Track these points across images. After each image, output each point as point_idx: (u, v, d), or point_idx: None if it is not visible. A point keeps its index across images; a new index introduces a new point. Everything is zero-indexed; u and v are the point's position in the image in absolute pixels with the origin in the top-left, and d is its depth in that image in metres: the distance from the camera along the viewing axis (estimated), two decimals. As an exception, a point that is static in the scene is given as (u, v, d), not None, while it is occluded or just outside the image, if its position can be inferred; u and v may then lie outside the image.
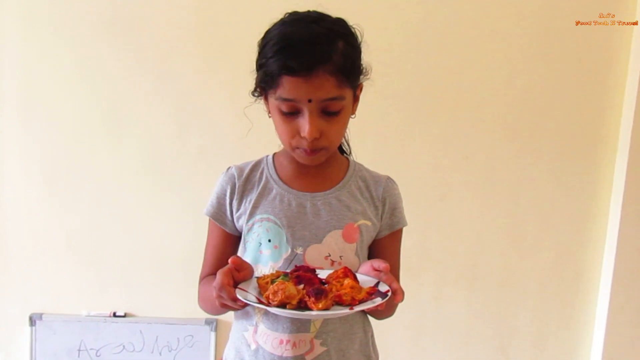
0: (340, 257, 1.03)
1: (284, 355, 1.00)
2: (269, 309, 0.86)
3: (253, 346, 1.03)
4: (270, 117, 1.02)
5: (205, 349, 2.00)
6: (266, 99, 1.00)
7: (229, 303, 0.89)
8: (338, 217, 1.03)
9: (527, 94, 1.93)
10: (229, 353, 1.10)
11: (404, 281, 1.15)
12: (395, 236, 1.12)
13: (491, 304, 2.03)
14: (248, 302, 0.86)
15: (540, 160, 1.96)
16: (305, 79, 0.90)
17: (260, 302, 0.87)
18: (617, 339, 1.97)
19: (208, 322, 1.99)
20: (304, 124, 0.94)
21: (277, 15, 0.99)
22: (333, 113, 0.95)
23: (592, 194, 1.97)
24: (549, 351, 2.06)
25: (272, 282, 0.90)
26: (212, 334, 2.00)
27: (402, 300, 0.91)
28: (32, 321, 1.98)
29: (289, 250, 1.01)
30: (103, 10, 1.88)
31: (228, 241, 1.10)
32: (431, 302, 2.02)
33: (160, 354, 2.00)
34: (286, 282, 0.88)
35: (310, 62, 0.89)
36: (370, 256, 1.12)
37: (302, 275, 0.92)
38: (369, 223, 1.06)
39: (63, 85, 1.92)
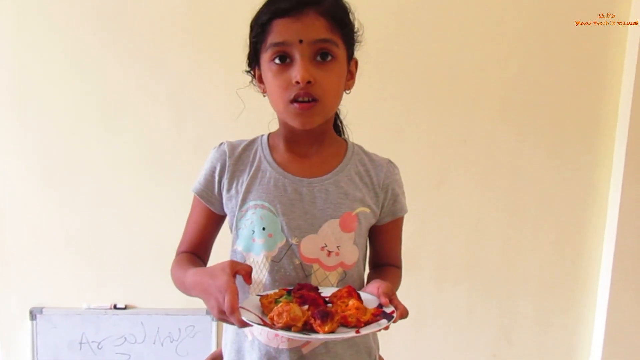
0: (337, 247, 0.99)
1: (280, 347, 0.98)
2: (274, 331, 0.83)
3: (249, 337, 1.02)
4: (264, 94, 1.00)
5: (206, 338, 2.01)
6: (258, 75, 0.99)
7: (235, 324, 0.84)
8: (335, 206, 0.99)
9: (528, 86, 1.92)
10: (226, 344, 1.08)
11: (404, 267, 1.15)
12: (396, 223, 1.09)
13: (492, 289, 2.04)
14: (253, 324, 0.83)
15: (540, 143, 1.95)
16: (296, 18, 0.90)
17: (265, 324, 0.84)
18: (618, 322, 1.97)
19: (209, 312, 1.99)
20: (296, 68, 0.91)
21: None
22: (325, 59, 0.93)
23: (591, 176, 1.97)
24: (551, 334, 2.06)
25: (276, 302, 0.87)
26: (214, 324, 2.00)
27: (403, 318, 0.89)
28: (32, 315, 1.98)
29: (285, 239, 0.98)
30: (95, 2, 1.86)
31: (211, 220, 1.07)
32: (432, 288, 2.02)
33: (162, 344, 2.00)
34: (291, 304, 0.85)
35: (300, 2, 0.91)
36: (373, 242, 1.10)
37: (306, 295, 0.89)
38: (367, 210, 1.02)
39: (57, 80, 1.90)
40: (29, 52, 1.89)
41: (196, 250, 1.09)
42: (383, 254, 1.11)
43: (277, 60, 0.93)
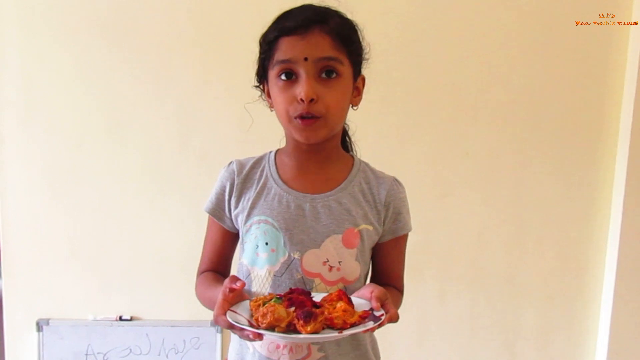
0: (339, 262, 1.00)
1: None
2: (257, 331, 0.84)
3: (251, 350, 1.03)
4: (271, 109, 1.02)
5: (211, 350, 2.01)
6: (266, 88, 1.01)
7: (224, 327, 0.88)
8: (338, 222, 1.00)
9: (528, 91, 1.93)
10: (231, 356, 1.10)
11: (407, 279, 1.15)
12: (398, 241, 1.09)
13: (495, 301, 2.03)
14: (237, 325, 0.84)
15: (542, 156, 1.96)
16: (302, 36, 0.93)
17: (251, 325, 0.85)
18: (622, 333, 1.97)
19: (214, 323, 1.99)
20: (300, 85, 0.93)
21: (274, 15, 1.00)
22: (330, 77, 0.95)
23: (593, 188, 1.97)
24: (554, 347, 2.06)
25: (264, 304, 0.88)
26: (218, 336, 2.00)
27: (392, 322, 0.88)
28: (39, 327, 1.99)
29: (287, 254, 0.99)
30: (102, 14, 1.89)
31: (226, 238, 1.10)
32: (435, 300, 2.02)
33: (167, 356, 2.01)
34: (276, 305, 0.86)
35: (306, 21, 0.94)
36: (374, 260, 1.10)
37: (295, 298, 0.89)
38: (370, 227, 1.03)
39: (63, 91, 1.92)
40: (36, 64, 1.91)
41: (216, 268, 1.10)
42: (383, 274, 1.10)
43: (283, 77, 0.95)
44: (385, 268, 1.10)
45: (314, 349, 1.00)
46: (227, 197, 1.06)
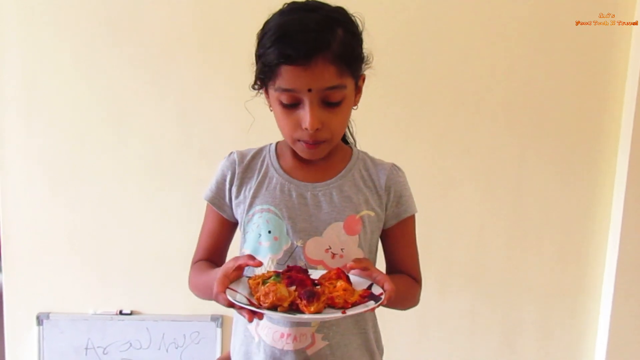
0: (341, 249, 1.01)
1: (285, 348, 1.00)
2: (260, 311, 0.84)
3: (256, 339, 1.04)
4: (271, 110, 1.02)
5: (211, 345, 2.02)
6: (266, 91, 1.00)
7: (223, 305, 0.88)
8: (339, 209, 1.01)
9: (529, 90, 1.93)
10: (234, 347, 1.10)
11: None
12: (405, 225, 1.08)
13: (495, 298, 2.04)
14: (238, 304, 0.84)
15: (543, 153, 1.96)
16: (304, 67, 0.89)
17: (252, 304, 0.86)
18: (622, 330, 1.97)
19: (214, 318, 2.00)
20: (305, 115, 0.93)
21: (275, 9, 0.98)
22: (334, 103, 0.94)
23: (594, 185, 1.98)
24: (554, 343, 2.06)
25: (264, 282, 0.88)
26: (218, 330, 2.01)
27: (391, 300, 0.87)
28: (39, 321, 2.00)
29: (290, 242, 1.00)
30: (103, 11, 1.89)
31: (224, 227, 1.10)
32: (435, 297, 2.02)
33: (166, 350, 2.02)
34: (278, 284, 0.86)
35: (309, 50, 0.88)
36: (385, 251, 1.10)
37: (294, 276, 0.90)
38: (372, 213, 1.04)
39: (64, 86, 1.92)
40: (37, 61, 1.91)
41: (211, 257, 1.10)
42: (395, 262, 1.10)
43: (285, 102, 0.94)
44: (397, 256, 1.10)
45: (317, 338, 1.00)
46: (227, 186, 1.06)
